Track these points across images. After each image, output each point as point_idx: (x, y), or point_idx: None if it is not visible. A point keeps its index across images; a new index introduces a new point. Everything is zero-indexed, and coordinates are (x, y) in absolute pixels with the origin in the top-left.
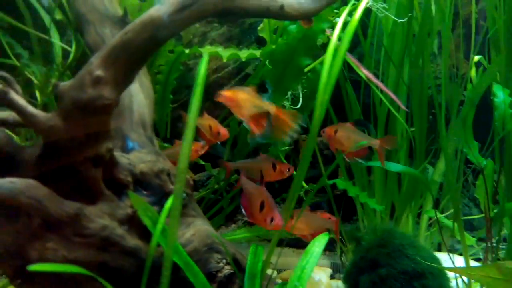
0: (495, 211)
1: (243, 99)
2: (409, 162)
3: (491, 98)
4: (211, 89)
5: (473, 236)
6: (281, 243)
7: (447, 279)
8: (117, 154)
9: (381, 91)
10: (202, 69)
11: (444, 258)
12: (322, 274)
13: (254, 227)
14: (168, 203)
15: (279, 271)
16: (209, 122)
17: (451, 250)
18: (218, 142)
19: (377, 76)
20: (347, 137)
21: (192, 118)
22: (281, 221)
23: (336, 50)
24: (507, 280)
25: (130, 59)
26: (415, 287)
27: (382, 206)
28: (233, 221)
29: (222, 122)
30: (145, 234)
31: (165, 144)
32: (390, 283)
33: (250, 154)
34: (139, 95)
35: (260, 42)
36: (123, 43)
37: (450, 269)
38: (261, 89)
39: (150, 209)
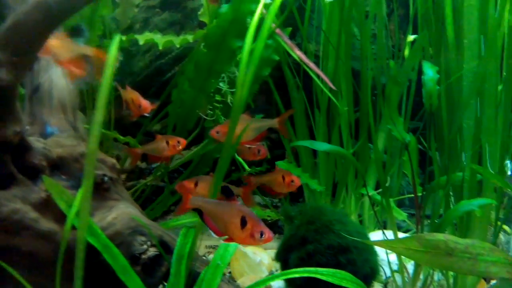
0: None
1: (57, 46)
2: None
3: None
4: (155, 76)
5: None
6: None
7: (374, 253)
8: (32, 138)
9: (319, 76)
10: (113, 50)
11: (389, 235)
12: (263, 255)
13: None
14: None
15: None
16: (131, 95)
17: (398, 228)
18: None
19: (318, 62)
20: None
21: (102, 97)
22: (271, 232)
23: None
24: (426, 252)
25: (23, 40)
26: (340, 261)
27: (323, 187)
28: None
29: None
30: (61, 217)
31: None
32: (317, 259)
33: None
34: (60, 80)
35: (202, 27)
36: (15, 25)
37: (372, 242)
38: (75, 34)
39: (65, 192)
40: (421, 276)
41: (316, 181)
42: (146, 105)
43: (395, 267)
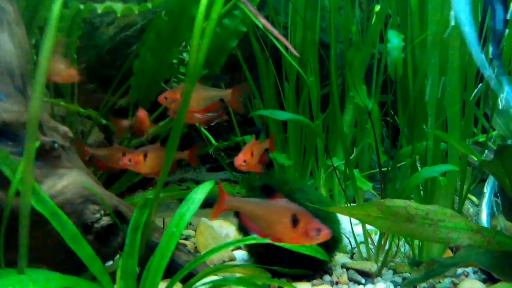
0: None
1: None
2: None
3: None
4: (120, 49)
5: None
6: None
7: (336, 222)
8: None
9: (287, 49)
10: (55, 9)
11: None
12: (230, 228)
13: (168, 187)
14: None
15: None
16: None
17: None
18: None
19: (287, 34)
20: (196, 97)
21: (44, 59)
22: (328, 228)
23: None
24: (387, 218)
25: None
26: None
27: (291, 161)
28: (152, 185)
29: None
30: (7, 184)
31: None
32: None
33: None
34: (6, 44)
35: None
36: None
37: (332, 209)
38: None
39: (10, 158)
40: (387, 247)
41: (284, 156)
42: (73, 72)
43: (362, 240)
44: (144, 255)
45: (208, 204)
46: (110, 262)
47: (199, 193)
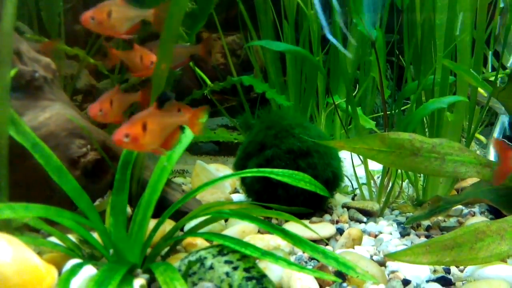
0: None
1: None
2: None
3: None
4: None
5: None
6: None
7: (336, 159)
8: None
9: None
10: None
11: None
12: (227, 171)
13: None
14: None
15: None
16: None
17: None
18: None
19: None
20: (119, 17)
21: None
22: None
23: None
24: (390, 152)
25: None
26: (300, 166)
27: (291, 102)
28: None
29: None
30: None
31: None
32: (275, 164)
33: None
34: None
35: None
36: None
37: (332, 142)
38: None
39: None
40: (389, 188)
41: (284, 97)
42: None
43: (364, 182)
44: (136, 194)
45: (206, 152)
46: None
47: (186, 133)
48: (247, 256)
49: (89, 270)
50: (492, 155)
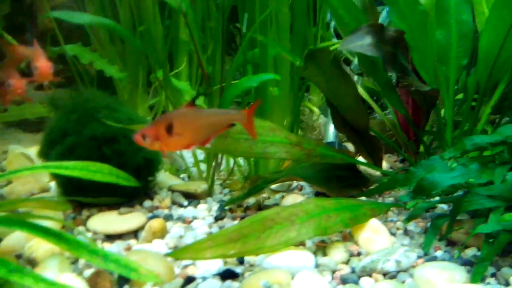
0: None
1: None
2: None
3: None
4: None
5: None
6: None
7: None
8: None
9: None
10: None
11: None
12: None
13: None
14: None
15: None
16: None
17: None
18: None
19: None
20: None
21: None
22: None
23: None
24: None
25: None
26: (105, 153)
27: (123, 74)
28: None
29: None
30: None
31: None
32: (78, 152)
33: None
34: None
35: None
36: None
37: (137, 127)
38: None
39: None
40: (223, 167)
41: (115, 68)
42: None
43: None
44: None
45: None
46: None
47: None
48: None
49: None
50: (332, 126)
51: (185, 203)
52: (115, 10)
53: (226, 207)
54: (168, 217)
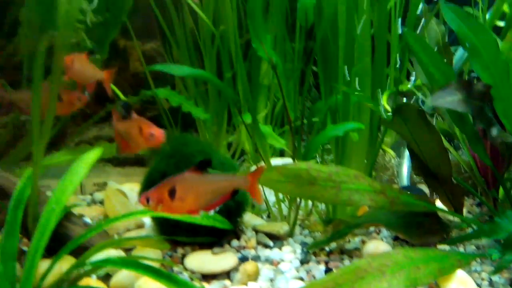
0: None
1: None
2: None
3: None
4: None
5: None
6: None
7: None
8: None
9: None
10: None
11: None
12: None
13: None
14: None
15: None
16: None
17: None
18: None
19: None
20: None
21: None
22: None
23: None
24: (288, 182)
25: None
26: None
27: (207, 115)
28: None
29: None
30: None
31: None
32: None
33: None
34: None
35: None
36: None
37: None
38: None
39: None
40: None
41: (201, 109)
42: None
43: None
44: (30, 232)
45: (127, 161)
46: None
47: (82, 167)
48: None
49: None
50: (405, 166)
51: (271, 243)
52: (198, 53)
53: (310, 251)
54: (256, 259)
